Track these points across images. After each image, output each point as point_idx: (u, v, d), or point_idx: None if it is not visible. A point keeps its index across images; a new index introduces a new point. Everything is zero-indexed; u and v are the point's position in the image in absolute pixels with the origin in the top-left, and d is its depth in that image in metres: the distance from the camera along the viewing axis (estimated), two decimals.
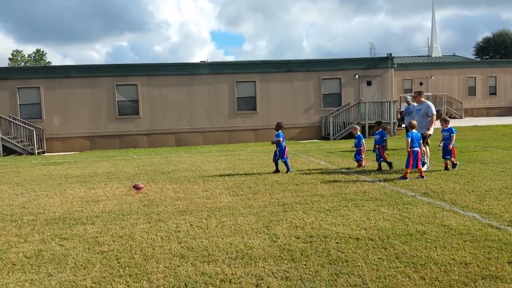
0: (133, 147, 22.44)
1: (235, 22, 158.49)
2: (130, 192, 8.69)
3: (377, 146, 10.76)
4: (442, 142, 10.18)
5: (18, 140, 20.94)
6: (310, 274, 4.17)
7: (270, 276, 4.16)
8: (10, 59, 72.54)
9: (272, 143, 10.95)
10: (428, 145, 10.43)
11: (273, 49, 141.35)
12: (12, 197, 8.78)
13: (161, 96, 22.97)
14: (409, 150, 9.13)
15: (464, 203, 6.74)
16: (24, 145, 20.80)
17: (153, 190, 8.90)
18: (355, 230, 5.48)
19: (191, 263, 4.57)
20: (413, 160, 9.09)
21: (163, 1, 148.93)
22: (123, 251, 5.01)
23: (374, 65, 24.59)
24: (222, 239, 5.35)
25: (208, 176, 10.52)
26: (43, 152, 21.54)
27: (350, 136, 22.61)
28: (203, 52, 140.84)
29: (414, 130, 9.39)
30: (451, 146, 9.86)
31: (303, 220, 6.04)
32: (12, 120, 21.35)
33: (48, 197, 8.61)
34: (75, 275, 4.35)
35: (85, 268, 4.53)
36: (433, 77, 34.80)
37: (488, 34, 74.41)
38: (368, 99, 23.47)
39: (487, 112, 35.31)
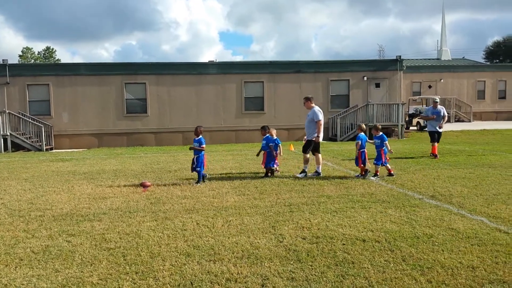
0: (140, 145, 22.53)
1: (244, 22, 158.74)
2: (137, 190, 8.73)
3: (262, 152, 10.42)
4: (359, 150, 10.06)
5: (26, 136, 21.10)
6: (316, 275, 4.16)
7: (276, 276, 4.16)
8: (20, 56, 73.15)
9: (191, 149, 9.71)
10: (319, 153, 10.34)
11: (282, 50, 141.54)
12: (20, 192, 8.84)
13: (169, 95, 23.05)
14: (359, 151, 9.77)
15: (472, 206, 6.70)
16: (32, 141, 20.96)
17: (160, 188, 8.93)
18: (362, 232, 5.46)
19: (197, 262, 4.58)
20: (362, 159, 9.73)
21: (172, 1, 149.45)
22: (130, 248, 5.03)
23: (383, 67, 24.50)
24: (228, 238, 5.36)
25: (214, 175, 10.53)
26: (51, 149, 21.68)
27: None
28: (211, 52, 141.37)
29: (362, 133, 10.10)
30: (386, 152, 9.83)
31: (310, 221, 6.03)
32: (21, 116, 21.52)
33: (56, 193, 8.67)
34: (81, 271, 4.37)
35: (91, 265, 4.55)
36: (442, 80, 34.60)
37: (498, 38, 73.86)
38: (376, 101, 23.39)
39: (496, 116, 35.05)
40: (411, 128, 27.87)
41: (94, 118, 22.67)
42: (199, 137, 9.60)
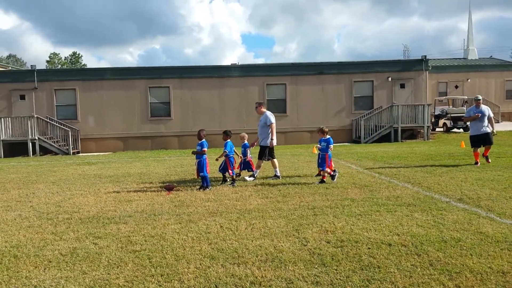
0: (164, 148, 22.80)
1: (265, 24, 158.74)
2: (161, 193, 8.82)
3: (224, 158, 9.83)
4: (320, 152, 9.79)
5: (54, 140, 21.62)
6: (341, 279, 4.11)
7: (300, 280, 4.13)
8: (47, 61, 75.04)
9: (193, 153, 9.52)
10: (274, 158, 10.39)
11: (304, 51, 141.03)
12: (48, 195, 9.04)
13: (192, 98, 23.26)
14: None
15: (501, 210, 6.52)
16: (59, 145, 21.45)
17: (184, 191, 8.99)
18: (388, 236, 5.38)
19: (221, 265, 4.59)
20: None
21: (195, 4, 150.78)
22: (155, 251, 5.08)
23: (408, 67, 24.15)
24: (252, 241, 5.35)
25: (237, 178, 10.55)
26: (78, 152, 22.14)
27: (381, 139, 22.28)
28: (234, 55, 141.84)
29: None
30: (331, 157, 9.62)
31: (334, 224, 5.98)
32: (48, 120, 22.06)
33: (83, 196, 8.84)
34: (108, 274, 4.44)
35: (118, 267, 4.61)
36: (469, 80, 33.87)
37: None
38: (401, 102, 23.07)
39: None
40: (437, 129, 27.37)
41: (119, 122, 23.05)
42: (202, 140, 9.45)
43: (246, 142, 10.61)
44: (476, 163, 11.49)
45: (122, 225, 6.31)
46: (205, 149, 9.34)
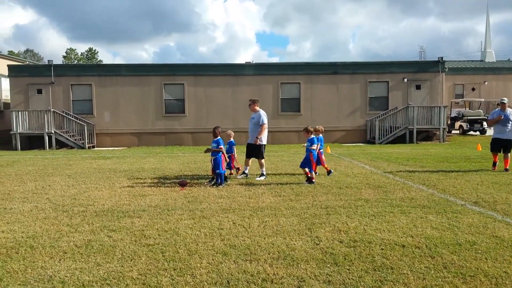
0: (178, 144, 22.92)
1: (280, 23, 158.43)
2: (175, 188, 8.87)
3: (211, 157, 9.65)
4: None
5: (70, 134, 21.88)
6: (353, 279, 4.10)
7: (312, 279, 4.12)
8: (64, 56, 75.98)
9: (206, 151, 9.70)
10: (263, 158, 10.36)
11: (318, 51, 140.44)
12: (64, 188, 9.17)
13: (206, 96, 23.34)
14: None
15: None
16: (75, 139, 21.69)
17: (197, 187, 9.04)
18: (401, 237, 5.34)
19: (234, 261, 4.60)
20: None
21: (210, 3, 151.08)
22: (168, 245, 5.12)
23: (424, 68, 23.89)
24: (264, 238, 5.36)
25: (250, 176, 10.58)
26: (93, 147, 22.38)
27: (396, 141, 22.11)
28: (248, 53, 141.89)
29: (320, 135, 10.00)
30: (316, 157, 9.51)
31: (347, 224, 5.96)
32: (65, 115, 22.33)
33: (98, 189, 8.94)
34: (122, 266, 4.49)
35: (131, 260, 4.66)
36: (486, 83, 33.40)
37: None
38: (417, 104, 22.83)
39: None
40: (453, 132, 27.06)
41: (134, 118, 23.23)
42: (217, 138, 9.49)
43: (232, 140, 10.81)
44: (494, 163, 11.15)
45: (136, 219, 6.37)
46: (222, 146, 9.38)
